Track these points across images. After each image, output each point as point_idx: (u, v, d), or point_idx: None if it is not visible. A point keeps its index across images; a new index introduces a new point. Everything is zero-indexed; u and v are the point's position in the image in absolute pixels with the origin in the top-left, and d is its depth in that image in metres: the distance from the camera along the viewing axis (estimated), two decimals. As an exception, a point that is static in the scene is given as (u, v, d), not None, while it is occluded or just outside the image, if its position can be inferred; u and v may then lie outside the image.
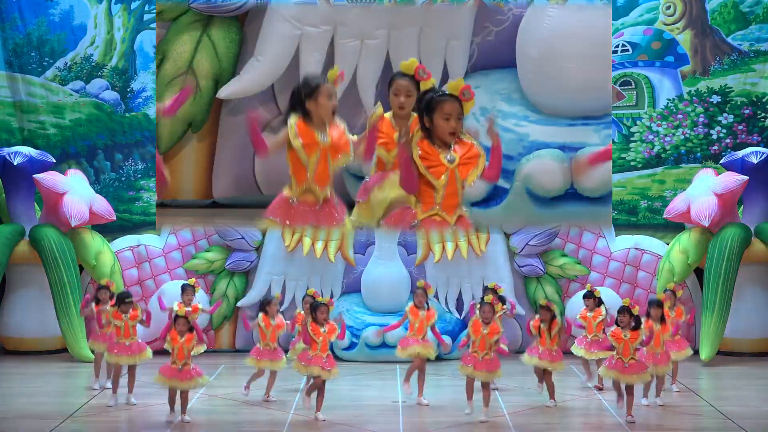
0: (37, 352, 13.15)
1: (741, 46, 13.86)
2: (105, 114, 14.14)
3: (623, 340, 9.62)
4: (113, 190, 14.07)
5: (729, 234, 12.78)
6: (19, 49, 14.07)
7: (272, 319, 10.49)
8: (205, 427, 9.72)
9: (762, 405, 10.63)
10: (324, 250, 13.14)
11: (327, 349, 9.78)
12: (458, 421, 9.76)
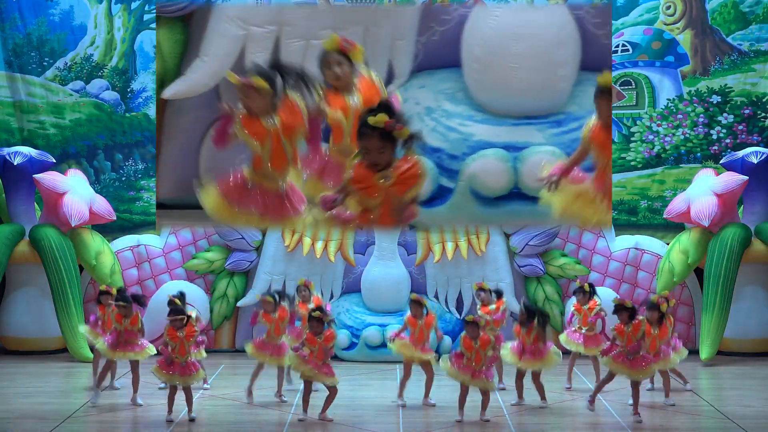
0: (37, 352, 13.16)
1: (741, 46, 13.86)
2: (105, 114, 14.14)
3: (626, 333, 9.63)
4: (113, 190, 14.07)
5: (729, 234, 12.79)
6: (19, 49, 14.07)
7: (273, 313, 10.50)
8: (206, 427, 9.72)
9: (762, 405, 10.63)
10: (324, 250, 13.15)
11: (323, 357, 9.72)
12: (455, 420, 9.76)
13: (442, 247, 13.14)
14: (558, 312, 13.21)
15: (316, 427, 9.66)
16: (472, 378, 9.66)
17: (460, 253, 13.14)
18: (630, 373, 9.71)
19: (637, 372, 9.70)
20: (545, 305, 13.18)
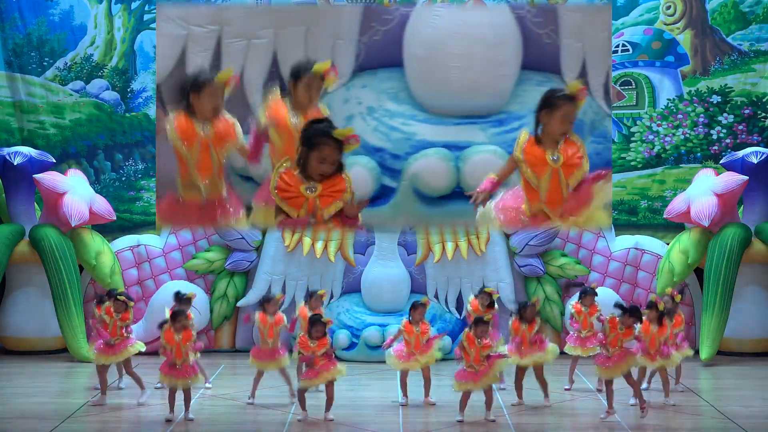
0: (37, 352, 13.16)
1: (741, 46, 13.86)
2: (105, 114, 14.14)
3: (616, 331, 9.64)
4: (113, 190, 14.07)
5: (729, 234, 12.79)
6: (19, 49, 14.08)
7: (270, 316, 10.48)
8: (206, 427, 9.72)
9: (762, 405, 10.63)
10: (324, 250, 13.14)
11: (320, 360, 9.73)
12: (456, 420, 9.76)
13: (442, 247, 13.14)
14: (558, 312, 13.22)
15: (316, 427, 9.66)
16: (475, 383, 9.68)
17: (460, 253, 13.14)
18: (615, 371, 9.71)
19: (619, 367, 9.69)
20: (545, 305, 13.19)
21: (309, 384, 9.78)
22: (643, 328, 10.08)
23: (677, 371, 11.12)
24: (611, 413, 9.81)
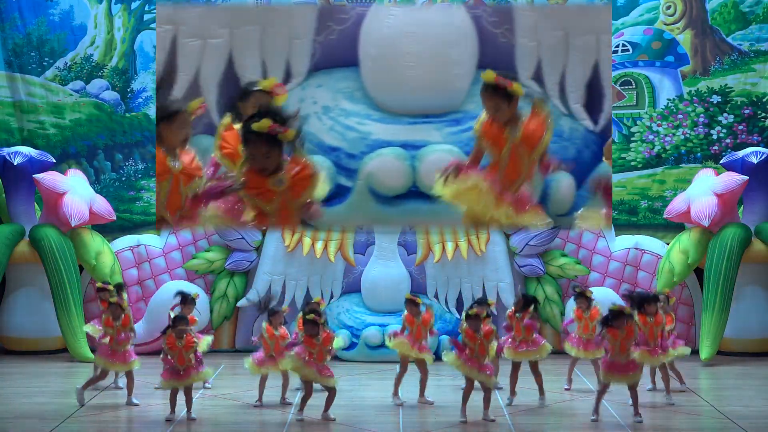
0: (37, 352, 13.16)
1: (741, 46, 13.86)
2: (105, 114, 14.14)
3: (619, 338, 9.61)
4: (113, 190, 14.07)
5: (729, 234, 12.78)
6: (19, 49, 14.07)
7: (276, 329, 10.41)
8: (206, 427, 9.72)
9: (762, 405, 10.62)
10: (324, 250, 13.14)
11: (323, 359, 9.72)
12: (458, 421, 9.76)
13: (442, 247, 13.14)
14: (558, 312, 13.22)
15: (316, 427, 9.66)
16: (478, 371, 9.66)
17: (460, 253, 13.14)
18: (623, 379, 9.69)
19: (630, 377, 9.67)
20: (545, 305, 13.18)
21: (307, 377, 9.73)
22: (641, 320, 10.11)
23: (678, 373, 11.11)
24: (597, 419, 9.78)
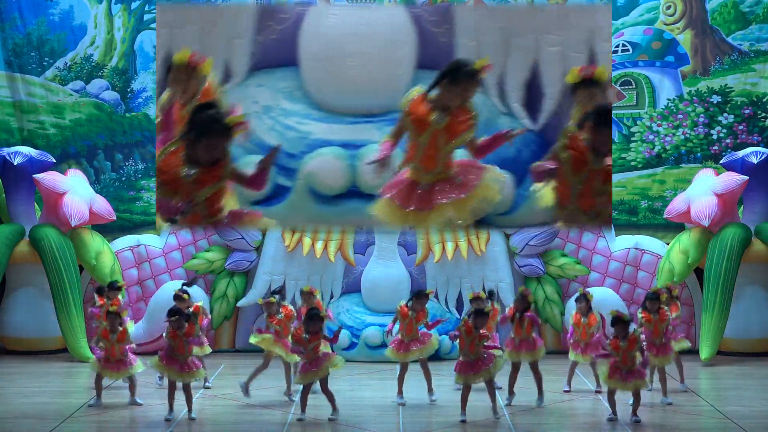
0: (37, 352, 13.16)
1: (741, 46, 13.86)
2: (105, 114, 14.14)
3: (621, 348, 9.59)
4: (113, 190, 14.07)
5: (729, 234, 12.78)
6: (19, 49, 14.08)
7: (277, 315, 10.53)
8: (206, 427, 9.72)
9: (762, 405, 10.62)
10: (324, 250, 13.14)
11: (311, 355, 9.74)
12: (458, 421, 9.76)
13: (442, 247, 13.14)
14: (558, 312, 13.22)
15: (316, 427, 9.66)
16: (475, 374, 9.68)
17: (460, 253, 13.14)
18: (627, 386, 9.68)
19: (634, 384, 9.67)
20: (545, 305, 13.19)
21: (306, 379, 9.74)
22: (645, 317, 10.12)
23: (680, 370, 11.12)
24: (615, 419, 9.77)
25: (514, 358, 10.49)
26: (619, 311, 9.82)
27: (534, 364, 10.48)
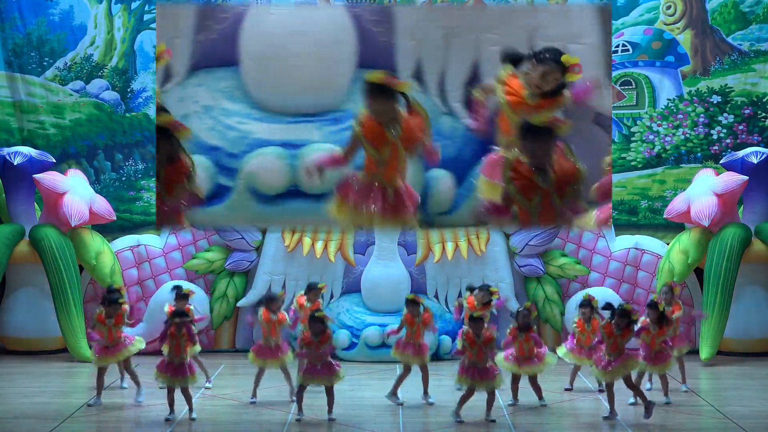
0: (37, 352, 13.16)
1: (741, 46, 13.86)
2: (105, 114, 14.14)
3: (614, 335, 9.59)
4: (113, 190, 14.07)
5: (729, 234, 12.78)
6: (19, 49, 14.07)
7: (273, 314, 10.50)
8: (206, 427, 9.72)
9: (762, 405, 10.63)
10: (324, 250, 13.14)
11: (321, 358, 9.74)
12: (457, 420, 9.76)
13: (442, 247, 13.14)
14: (558, 312, 13.22)
15: (316, 427, 9.66)
16: (480, 380, 9.67)
17: (460, 253, 13.14)
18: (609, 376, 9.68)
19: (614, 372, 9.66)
20: (545, 305, 13.19)
21: (308, 381, 9.75)
22: (644, 330, 10.08)
23: (681, 370, 11.13)
24: (614, 415, 9.78)
25: (515, 371, 10.43)
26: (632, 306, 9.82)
27: (533, 377, 10.43)
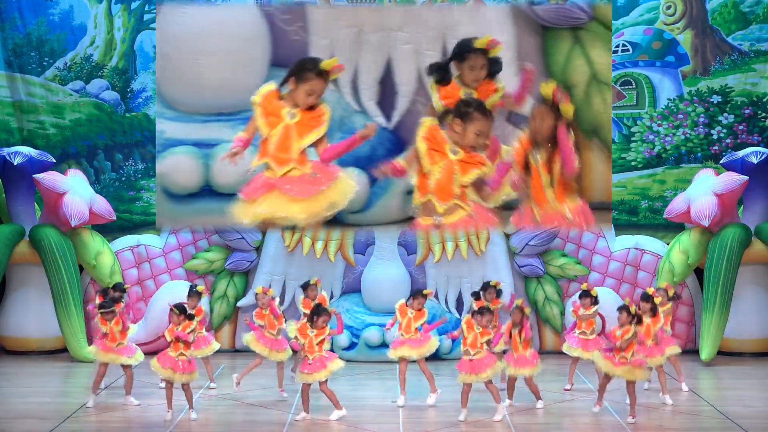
0: (37, 352, 13.16)
1: (741, 46, 13.86)
2: (105, 114, 14.14)
3: (617, 338, 9.62)
4: (113, 190, 14.07)
5: (729, 234, 12.78)
6: (19, 49, 14.07)
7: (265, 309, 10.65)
8: (206, 427, 9.72)
9: (762, 405, 10.63)
10: (324, 250, 13.15)
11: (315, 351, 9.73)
12: (458, 421, 9.76)
13: (442, 247, 13.14)
14: (558, 312, 13.22)
15: (316, 427, 9.66)
16: (477, 374, 9.68)
17: (460, 253, 13.14)
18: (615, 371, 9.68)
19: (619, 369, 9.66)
20: (545, 305, 13.19)
21: (308, 378, 9.73)
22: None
23: (678, 371, 11.14)
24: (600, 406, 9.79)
25: (511, 372, 10.43)
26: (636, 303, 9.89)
27: (529, 378, 10.42)
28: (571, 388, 11.12)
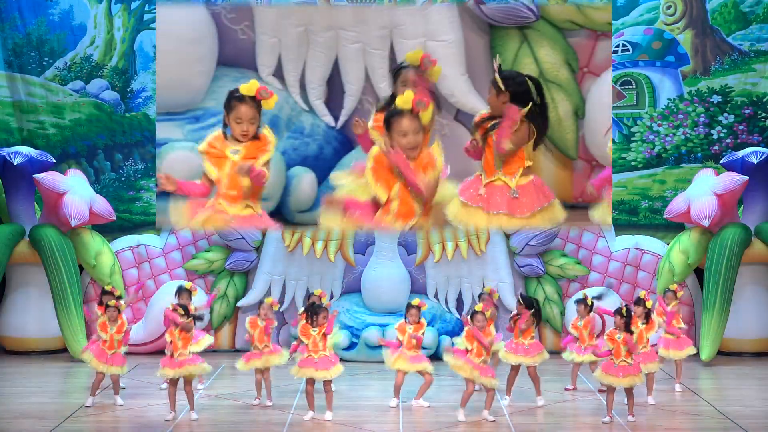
0: (37, 352, 13.16)
1: (741, 45, 13.86)
2: (105, 114, 14.14)
3: (616, 342, 9.60)
4: (113, 190, 14.07)
5: (729, 234, 12.78)
6: (19, 49, 14.07)
7: (261, 320, 10.45)
8: (206, 427, 9.72)
9: (762, 405, 10.63)
10: (324, 250, 13.14)
11: (319, 350, 9.73)
12: (457, 421, 9.76)
13: (442, 247, 13.14)
14: (558, 312, 13.22)
15: (316, 427, 9.66)
16: (480, 373, 9.66)
17: (460, 253, 13.14)
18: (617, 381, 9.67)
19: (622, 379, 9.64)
20: (545, 305, 13.18)
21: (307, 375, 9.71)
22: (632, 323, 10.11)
23: (677, 370, 11.14)
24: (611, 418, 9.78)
25: (513, 361, 10.45)
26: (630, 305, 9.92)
27: (532, 369, 10.44)
28: (574, 388, 11.11)
